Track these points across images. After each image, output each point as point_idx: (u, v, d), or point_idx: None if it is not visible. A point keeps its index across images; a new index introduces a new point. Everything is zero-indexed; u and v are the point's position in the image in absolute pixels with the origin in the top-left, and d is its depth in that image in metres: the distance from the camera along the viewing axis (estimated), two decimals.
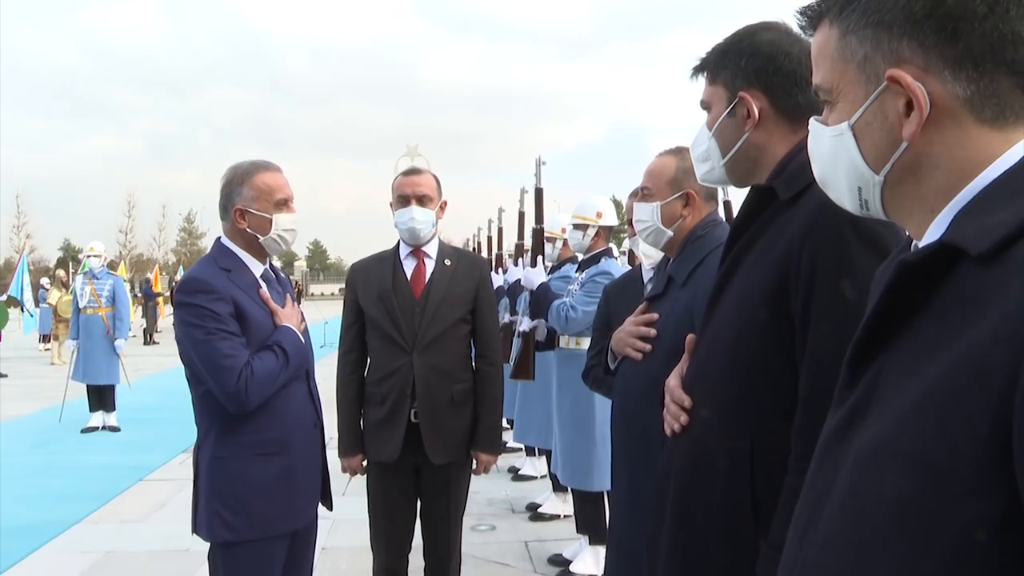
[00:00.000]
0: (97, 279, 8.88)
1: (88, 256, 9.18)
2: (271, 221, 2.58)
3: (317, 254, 78.42)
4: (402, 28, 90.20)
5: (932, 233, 0.88)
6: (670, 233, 2.41)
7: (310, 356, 2.71)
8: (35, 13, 79.25)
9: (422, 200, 3.18)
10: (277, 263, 2.88)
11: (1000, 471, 0.69)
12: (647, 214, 2.43)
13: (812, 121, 1.04)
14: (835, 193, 1.02)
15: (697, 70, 1.70)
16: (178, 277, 26.28)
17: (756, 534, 1.41)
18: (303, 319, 2.72)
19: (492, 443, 3.28)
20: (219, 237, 2.68)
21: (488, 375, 3.28)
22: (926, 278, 0.83)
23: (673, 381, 1.67)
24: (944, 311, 0.80)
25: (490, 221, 7.24)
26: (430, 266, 3.24)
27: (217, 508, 2.48)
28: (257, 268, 2.64)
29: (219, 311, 2.44)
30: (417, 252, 3.26)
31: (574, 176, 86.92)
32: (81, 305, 8.76)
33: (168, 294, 23.40)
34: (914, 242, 0.95)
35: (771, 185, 1.53)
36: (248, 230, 2.59)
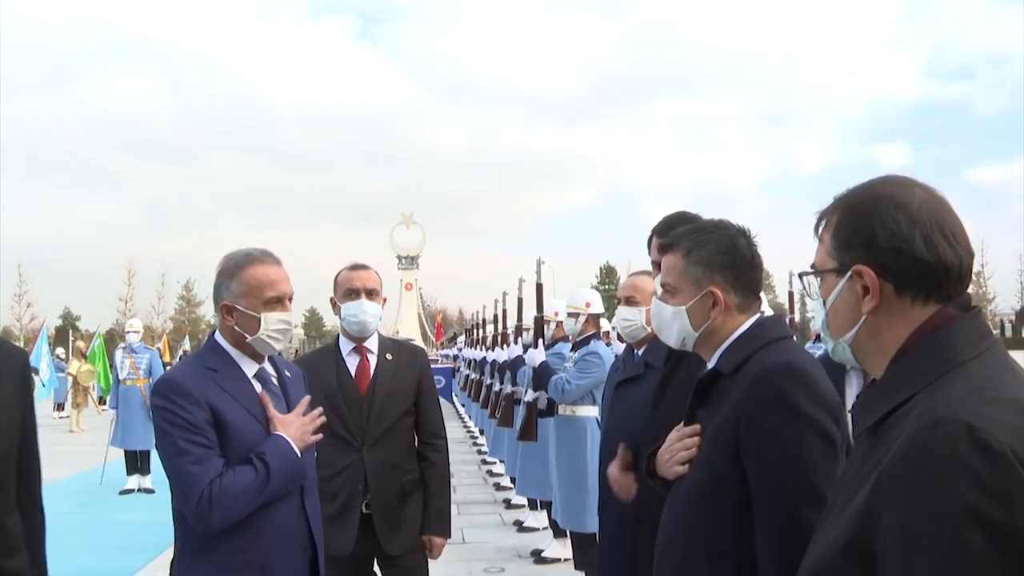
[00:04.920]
0: (135, 353, 9.81)
1: (128, 332, 10.18)
2: (259, 320, 2.33)
3: (313, 321, 78.90)
4: (399, 96, 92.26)
5: (712, 361, 1.94)
6: (649, 330, 3.21)
7: (306, 470, 2.38)
8: (38, 84, 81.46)
9: (371, 294, 3.28)
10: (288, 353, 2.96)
11: (741, 467, 1.72)
12: (635, 316, 3.22)
13: (655, 299, 2.07)
14: (665, 337, 2.06)
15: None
16: (186, 348, 26.63)
17: None
18: (315, 427, 2.40)
19: (442, 527, 3.36)
20: (213, 331, 2.48)
21: (434, 462, 3.37)
22: (709, 384, 1.89)
23: (674, 434, 1.97)
24: (717, 399, 1.86)
25: (496, 301, 8.42)
26: (373, 361, 3.31)
27: None
28: (250, 367, 2.39)
29: (193, 417, 2.20)
30: (359, 348, 3.32)
31: (569, 241, 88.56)
32: (121, 377, 9.69)
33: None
34: (708, 364, 1.97)
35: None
36: (236, 328, 2.34)
